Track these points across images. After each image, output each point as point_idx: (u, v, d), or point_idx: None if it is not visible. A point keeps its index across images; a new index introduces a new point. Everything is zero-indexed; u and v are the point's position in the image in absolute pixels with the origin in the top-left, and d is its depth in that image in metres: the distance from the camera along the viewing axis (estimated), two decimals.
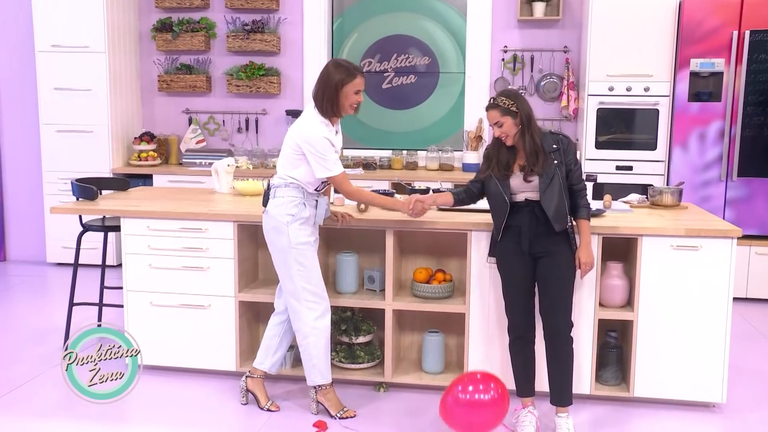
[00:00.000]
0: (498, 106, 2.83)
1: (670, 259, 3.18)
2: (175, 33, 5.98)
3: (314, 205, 3.07)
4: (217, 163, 4.25)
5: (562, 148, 2.89)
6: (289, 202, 3.05)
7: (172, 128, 6.27)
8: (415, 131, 6.17)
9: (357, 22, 6.19)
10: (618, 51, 5.00)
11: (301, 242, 3.06)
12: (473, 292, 3.31)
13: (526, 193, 2.92)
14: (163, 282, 3.54)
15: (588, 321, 3.27)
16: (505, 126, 2.83)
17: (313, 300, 3.09)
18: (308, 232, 3.07)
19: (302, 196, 3.04)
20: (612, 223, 3.25)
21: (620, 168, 5.12)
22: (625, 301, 3.31)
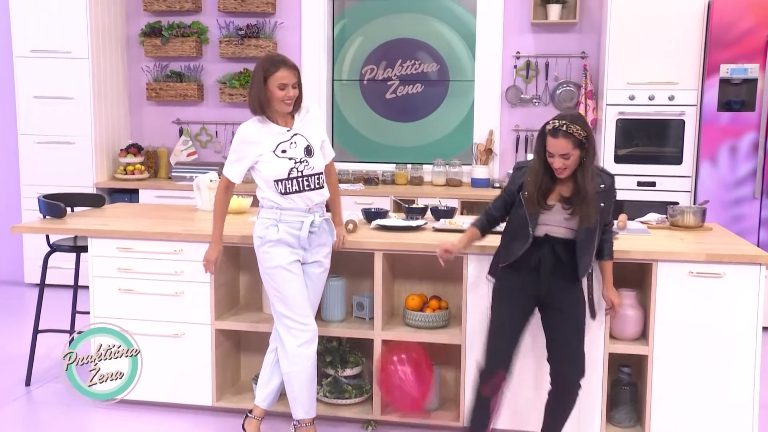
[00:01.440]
0: (572, 135, 2.61)
1: (689, 287, 3.09)
2: (165, 38, 5.99)
3: (297, 226, 3.00)
4: (199, 177, 4.22)
5: (606, 188, 2.77)
6: (260, 224, 3.04)
7: (162, 140, 6.27)
8: (422, 146, 6.10)
9: (359, 25, 6.15)
10: (640, 56, 4.94)
11: (272, 266, 3.01)
12: (470, 322, 3.24)
13: (550, 227, 2.76)
14: (133, 308, 3.49)
15: (597, 355, 3.17)
16: (571, 159, 2.64)
17: (296, 326, 3.02)
18: (281, 254, 3.00)
19: (276, 217, 2.99)
20: (624, 246, 3.16)
21: (642, 184, 5.04)
22: (639, 333, 3.23)
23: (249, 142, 2.96)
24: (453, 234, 3.38)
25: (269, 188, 2.99)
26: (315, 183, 3.03)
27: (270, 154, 2.95)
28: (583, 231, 2.72)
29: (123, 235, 3.48)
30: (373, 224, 3.59)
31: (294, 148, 2.99)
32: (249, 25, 5.92)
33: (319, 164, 3.04)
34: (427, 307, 3.40)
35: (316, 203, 3.05)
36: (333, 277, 3.46)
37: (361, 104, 6.21)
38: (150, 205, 4.75)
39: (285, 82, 2.91)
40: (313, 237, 3.05)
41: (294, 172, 2.97)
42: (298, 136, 3.01)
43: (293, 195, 2.98)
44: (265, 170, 2.97)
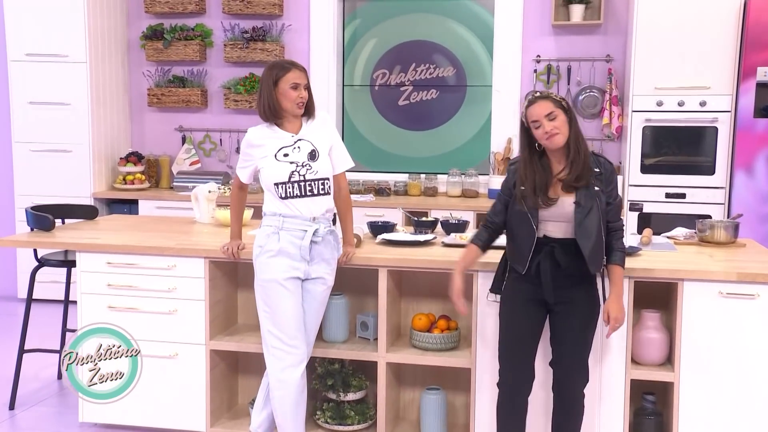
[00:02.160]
0: (549, 97, 2.69)
1: (718, 309, 3.01)
2: (167, 41, 6.00)
3: (300, 235, 2.97)
4: (197, 188, 4.22)
5: (605, 175, 2.76)
6: (261, 233, 3.04)
7: (163, 148, 6.28)
8: (437, 157, 6.06)
9: (370, 26, 6.13)
10: (669, 59, 4.90)
11: (267, 278, 2.98)
12: (480, 344, 3.17)
13: (549, 225, 2.74)
14: (123, 326, 3.45)
15: (618, 382, 3.10)
16: (558, 120, 2.66)
17: (281, 347, 2.98)
18: (280, 267, 2.97)
19: (277, 224, 2.98)
20: (647, 263, 3.10)
21: (671, 196, 4.99)
22: (664, 358, 3.16)
23: (253, 145, 3.03)
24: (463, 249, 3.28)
25: (270, 193, 3.01)
26: (319, 189, 3.01)
27: (271, 157, 2.99)
28: (581, 213, 2.65)
29: (113, 249, 3.45)
30: (378, 238, 3.56)
31: (297, 152, 3.00)
32: (255, 27, 5.92)
33: (325, 170, 3.03)
34: (435, 328, 3.34)
35: (321, 212, 3.02)
36: (335, 295, 3.40)
37: (372, 111, 6.19)
38: (146, 217, 4.73)
39: (297, 82, 2.96)
40: (316, 249, 3.02)
41: (296, 175, 2.97)
42: (303, 141, 3.03)
43: (295, 200, 2.97)
44: (266, 173, 3.00)
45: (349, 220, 3.23)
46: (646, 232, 3.57)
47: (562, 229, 2.73)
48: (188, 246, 3.44)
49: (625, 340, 3.06)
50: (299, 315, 3.01)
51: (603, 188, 2.73)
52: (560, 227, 2.73)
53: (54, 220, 3.70)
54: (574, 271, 2.73)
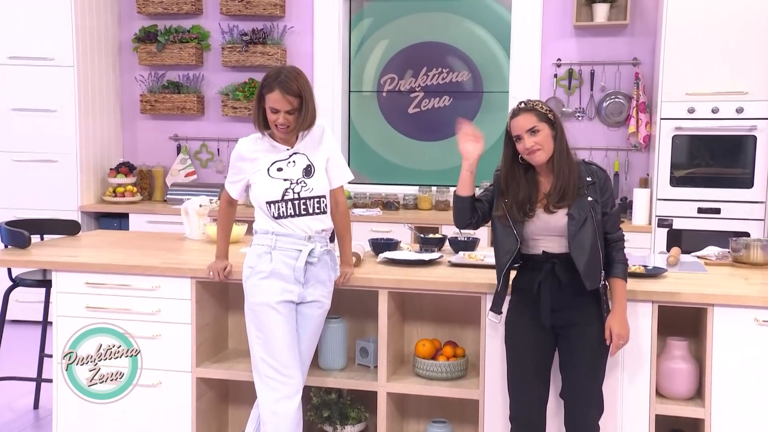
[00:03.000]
0: (534, 109, 2.70)
1: (753, 338, 2.93)
2: (161, 44, 6.01)
3: (294, 255, 2.94)
4: (187, 202, 4.21)
5: (599, 184, 2.76)
6: (252, 253, 3.00)
7: (157, 158, 6.29)
8: (450, 170, 6.02)
9: (377, 27, 6.12)
10: (702, 63, 4.89)
11: (258, 302, 2.94)
12: (489, 372, 3.12)
13: (546, 241, 2.74)
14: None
15: (642, 417, 3.02)
16: (541, 135, 2.67)
17: (275, 377, 2.93)
18: (272, 290, 2.93)
19: (270, 243, 2.95)
20: (674, 286, 3.04)
21: (704, 211, 4.96)
22: (693, 391, 3.09)
23: (245, 158, 3.01)
24: (471, 270, 3.31)
25: (262, 211, 2.99)
26: (314, 207, 2.99)
27: (263, 172, 2.96)
28: (574, 227, 2.66)
29: (92, 269, 3.41)
30: (379, 257, 3.53)
31: (291, 168, 2.98)
32: (255, 29, 5.93)
33: (321, 187, 3.01)
34: (440, 355, 3.31)
35: (316, 231, 2.99)
36: (333, 318, 3.37)
37: (379, 120, 6.16)
38: (132, 233, 4.72)
39: (276, 107, 2.89)
40: (312, 270, 2.98)
41: (289, 193, 2.95)
42: (298, 155, 3.00)
43: (288, 220, 2.95)
44: (257, 191, 2.98)
45: (348, 238, 3.20)
46: (674, 251, 3.52)
47: (561, 244, 2.72)
48: (174, 265, 3.40)
49: (648, 371, 2.99)
50: (294, 341, 2.97)
51: (597, 198, 2.73)
52: (558, 242, 2.72)
53: (29, 237, 3.67)
54: (578, 290, 2.71)
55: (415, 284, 3.19)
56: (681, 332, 3.14)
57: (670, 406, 3.05)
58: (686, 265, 3.46)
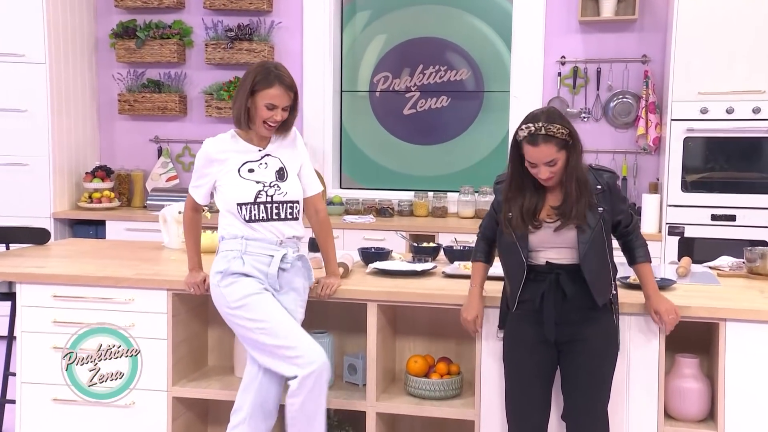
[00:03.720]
0: (554, 137, 2.61)
1: None
2: (141, 40, 6.00)
3: (266, 261, 2.97)
4: (165, 209, 4.20)
5: (608, 190, 2.78)
6: (220, 259, 3.02)
7: (137, 161, 6.28)
8: (450, 176, 6.01)
9: (371, 21, 6.10)
10: (715, 60, 4.88)
11: (240, 297, 2.95)
12: (486, 391, 3.11)
13: (550, 252, 2.75)
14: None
15: None
16: (558, 165, 2.66)
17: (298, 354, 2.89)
18: (249, 284, 2.96)
19: (240, 248, 2.98)
20: (683, 299, 3.02)
21: (717, 218, 4.95)
22: (705, 412, 3.08)
23: (213, 159, 3.02)
24: (467, 281, 3.23)
25: (232, 214, 3.00)
26: (287, 213, 3.02)
27: (233, 173, 2.98)
28: (585, 240, 2.68)
29: (60, 280, 3.39)
30: (369, 268, 3.53)
31: (263, 170, 3.01)
32: (240, 25, 5.92)
33: (295, 192, 3.05)
34: (433, 372, 3.31)
35: (288, 237, 3.03)
36: (318, 333, 3.37)
37: (371, 122, 6.15)
38: (108, 241, 4.70)
39: (275, 103, 2.93)
40: (285, 277, 3.01)
41: (262, 195, 2.98)
42: (270, 158, 3.05)
43: (260, 224, 2.98)
44: (227, 192, 2.99)
45: (331, 246, 3.24)
46: (684, 261, 3.52)
47: (567, 255, 2.73)
48: (148, 276, 3.39)
49: (656, 390, 2.98)
50: (290, 316, 2.98)
51: (607, 207, 2.74)
52: (564, 253, 2.73)
53: None
54: (583, 303, 2.71)
55: (407, 297, 3.18)
56: (691, 349, 3.13)
57: (679, 428, 3.03)
58: (697, 277, 3.44)
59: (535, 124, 2.61)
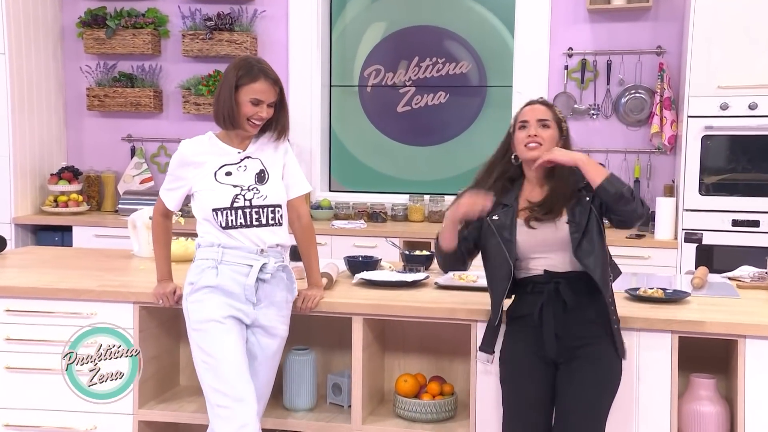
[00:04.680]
0: (552, 108, 2.89)
1: None
2: (111, 30, 6.00)
3: (244, 271, 2.96)
4: (135, 213, 4.20)
5: None
6: (195, 268, 3.03)
7: (108, 162, 6.29)
8: (448, 180, 6.01)
9: (362, 9, 6.10)
10: (736, 51, 4.87)
11: (202, 319, 2.94)
12: (481, 414, 3.11)
13: (546, 259, 2.78)
14: (25, 393, 3.39)
15: None
16: (548, 132, 2.82)
17: (228, 405, 2.88)
18: (217, 306, 2.94)
19: (216, 257, 2.98)
20: (698, 314, 3.03)
21: (739, 224, 4.95)
22: None
23: (188, 162, 3.04)
24: (461, 293, 3.31)
25: (208, 221, 3.01)
26: (268, 218, 3.02)
27: (210, 177, 3.00)
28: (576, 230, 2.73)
29: (15, 293, 3.37)
30: (356, 278, 3.54)
31: (242, 173, 3.03)
32: (220, 14, 5.93)
33: (276, 195, 3.05)
34: (425, 393, 3.32)
35: (270, 245, 3.02)
36: (300, 350, 3.40)
37: (361, 120, 6.14)
38: (72, 249, 4.71)
39: (260, 98, 2.96)
40: (264, 289, 3.00)
41: (239, 200, 2.98)
42: (250, 160, 3.06)
43: (237, 231, 2.98)
44: (203, 198, 3.01)
45: (314, 255, 3.24)
46: (700, 271, 3.51)
47: (565, 260, 2.76)
48: (113, 288, 3.38)
49: (669, 414, 2.96)
50: (244, 359, 2.96)
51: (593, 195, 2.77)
52: (563, 258, 2.76)
53: None
54: (585, 316, 2.73)
55: (396, 310, 3.19)
56: (707, 368, 3.13)
57: None
58: (714, 288, 3.44)
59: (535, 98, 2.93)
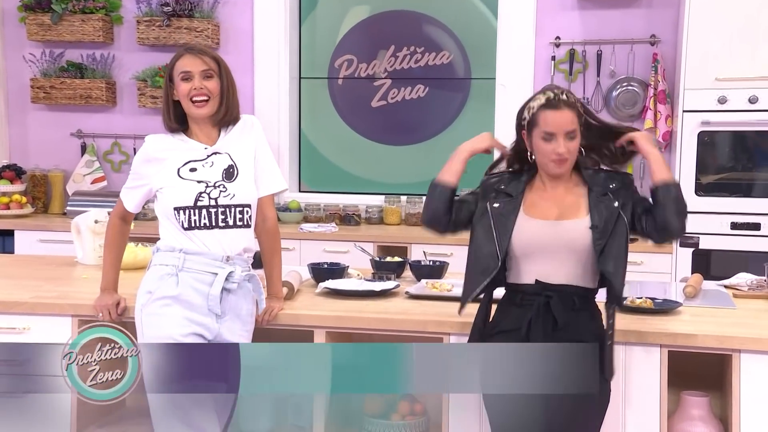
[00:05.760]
0: (575, 106, 2.73)
1: None
2: (57, 14, 5.98)
3: (208, 280, 2.94)
4: (79, 217, 4.19)
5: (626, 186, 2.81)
6: (151, 275, 3.00)
7: (55, 159, 6.27)
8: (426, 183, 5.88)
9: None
10: (736, 40, 4.89)
11: (158, 336, 2.92)
12: None
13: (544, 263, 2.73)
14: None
15: None
16: (576, 142, 2.72)
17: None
18: (176, 321, 2.91)
19: (176, 263, 2.95)
20: (689, 326, 3.06)
21: (738, 227, 4.96)
22: None
23: (152, 159, 3.03)
24: (433, 303, 3.30)
25: (169, 221, 2.99)
26: (236, 218, 3.00)
27: (172, 173, 2.99)
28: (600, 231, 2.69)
29: None
30: (320, 287, 3.53)
31: (208, 168, 3.01)
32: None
33: (246, 194, 3.03)
34: (394, 413, 3.35)
35: (237, 251, 3.00)
36: None
37: (331, 116, 6.14)
38: (10, 256, 4.75)
39: (188, 69, 2.96)
40: (229, 300, 2.97)
41: (204, 198, 2.96)
42: (218, 156, 3.03)
43: (201, 232, 2.96)
44: (164, 196, 2.99)
45: (277, 263, 3.23)
46: (693, 279, 3.51)
47: (565, 270, 2.72)
48: (49, 299, 3.36)
49: None
50: None
51: (623, 201, 2.75)
52: (563, 267, 2.72)
53: None
54: (576, 335, 2.69)
55: (362, 322, 3.19)
56: (699, 385, 3.13)
57: None
58: (709, 298, 3.45)
59: (553, 91, 2.72)
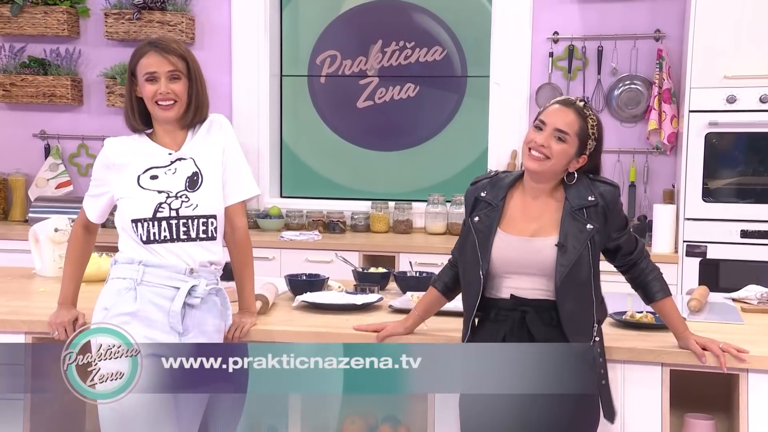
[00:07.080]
0: (586, 119, 2.79)
1: None
2: (17, 6, 6.00)
3: (169, 294, 2.93)
4: (37, 225, 4.19)
5: (605, 205, 2.81)
6: (109, 289, 2.98)
7: (17, 162, 6.29)
8: (423, 190, 6.00)
9: None
10: (745, 35, 4.90)
11: None
12: None
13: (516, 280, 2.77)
14: None
15: None
16: (561, 147, 2.75)
17: None
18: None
19: (135, 276, 2.94)
20: None
21: (748, 235, 4.96)
22: None
23: (111, 165, 3.01)
24: None
25: (128, 234, 2.98)
26: (198, 231, 2.99)
27: (132, 182, 2.98)
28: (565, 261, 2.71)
29: None
30: (297, 301, 3.53)
31: (170, 176, 3.00)
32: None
33: (210, 203, 3.01)
34: None
35: (202, 263, 2.99)
36: None
37: (312, 117, 6.14)
38: None
39: (153, 70, 2.95)
40: (193, 316, 2.97)
41: (164, 209, 2.95)
42: (183, 162, 3.02)
43: (162, 246, 2.95)
44: (123, 207, 2.98)
45: (248, 275, 3.21)
46: (698, 292, 3.50)
47: (538, 285, 2.75)
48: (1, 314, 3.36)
49: None
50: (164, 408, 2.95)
51: (599, 225, 2.76)
52: (534, 282, 2.75)
53: None
54: None
55: (342, 338, 3.09)
56: (704, 407, 3.14)
57: None
58: (715, 312, 3.44)
59: (573, 97, 2.85)
